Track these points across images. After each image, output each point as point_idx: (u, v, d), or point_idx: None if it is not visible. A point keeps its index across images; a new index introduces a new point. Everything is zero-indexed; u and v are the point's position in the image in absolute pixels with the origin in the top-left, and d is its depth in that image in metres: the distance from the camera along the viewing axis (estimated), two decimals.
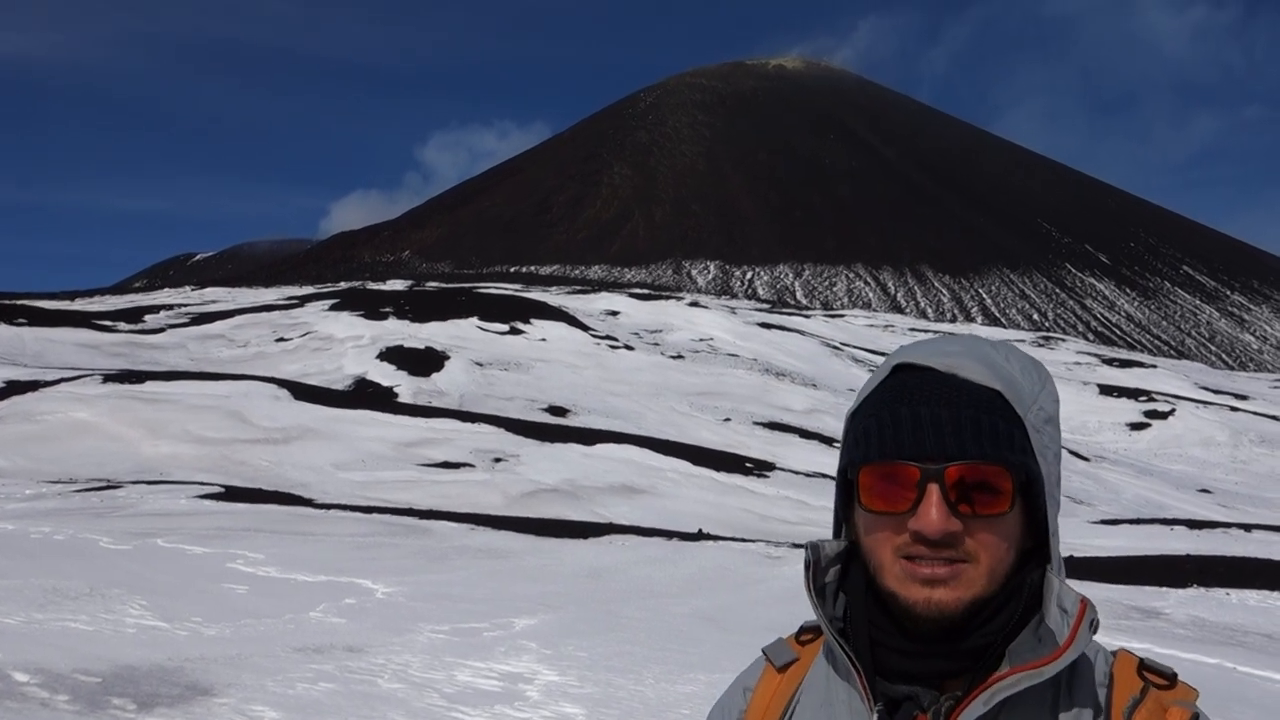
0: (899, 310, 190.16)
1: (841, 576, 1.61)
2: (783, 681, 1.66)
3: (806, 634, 1.70)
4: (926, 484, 1.45)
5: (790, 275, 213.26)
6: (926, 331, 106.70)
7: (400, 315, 68.89)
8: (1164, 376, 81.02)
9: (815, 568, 1.60)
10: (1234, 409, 67.18)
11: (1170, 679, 1.51)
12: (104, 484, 26.73)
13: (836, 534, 1.66)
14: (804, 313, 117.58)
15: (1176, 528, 30.36)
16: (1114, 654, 1.56)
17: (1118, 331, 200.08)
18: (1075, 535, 28.03)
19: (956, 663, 1.49)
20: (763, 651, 1.71)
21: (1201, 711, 1.49)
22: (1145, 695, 1.49)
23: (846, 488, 1.59)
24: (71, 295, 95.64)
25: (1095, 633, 1.49)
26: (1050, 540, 1.55)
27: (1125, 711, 1.47)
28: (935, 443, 1.46)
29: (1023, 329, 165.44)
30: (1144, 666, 1.53)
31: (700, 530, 23.79)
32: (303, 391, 41.97)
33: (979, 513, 1.46)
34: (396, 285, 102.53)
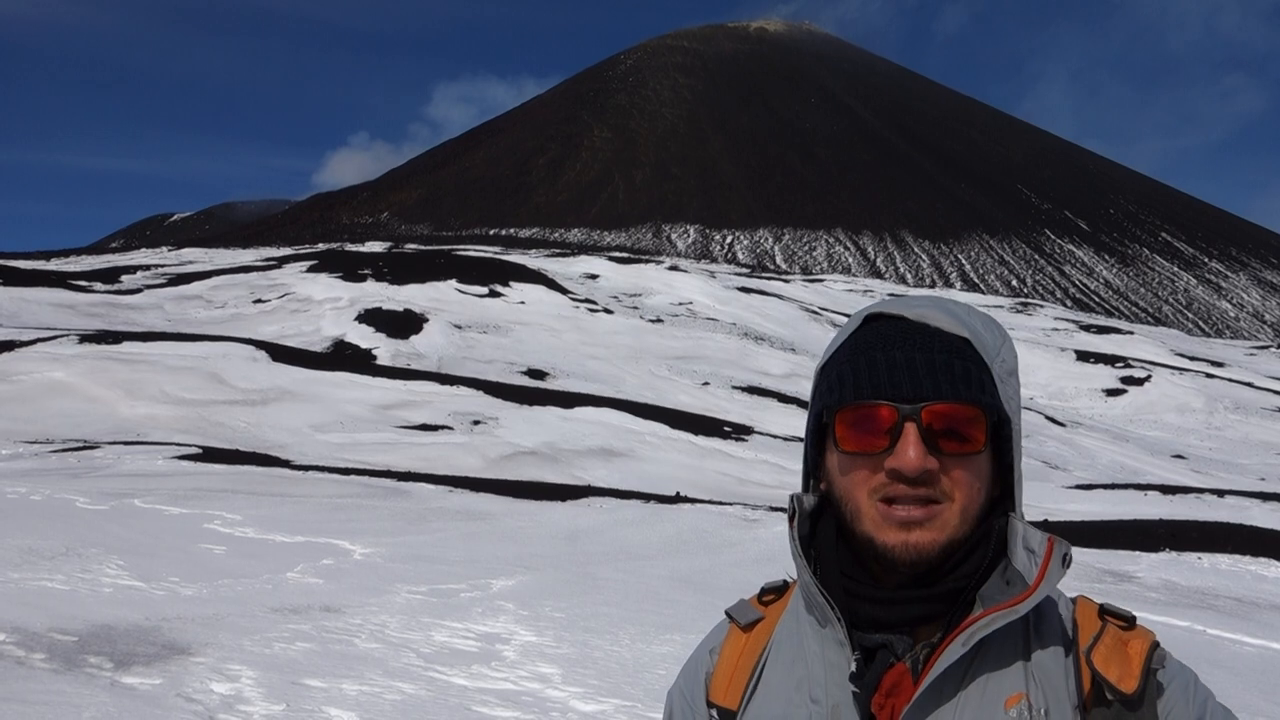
0: (878, 275, 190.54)
1: (811, 532, 1.62)
2: (749, 640, 1.68)
3: (769, 594, 1.73)
4: (904, 423, 1.49)
5: (770, 240, 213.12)
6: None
7: (379, 277, 68.72)
8: (1141, 343, 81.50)
9: (799, 518, 1.62)
10: (1210, 376, 67.68)
11: (1129, 620, 1.55)
12: (81, 444, 26.66)
13: (805, 488, 1.67)
14: (783, 277, 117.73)
15: (1150, 493, 30.64)
16: (1074, 600, 1.60)
17: (1096, 298, 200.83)
18: (1050, 500, 28.24)
19: (930, 607, 1.51)
20: (726, 613, 1.74)
21: (1160, 643, 1.54)
22: (1104, 631, 1.53)
23: (820, 435, 1.62)
24: (47, 255, 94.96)
25: (1068, 568, 1.52)
26: (1015, 488, 1.58)
27: (1086, 648, 1.51)
28: (911, 384, 1.50)
29: (1001, 295, 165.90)
30: (1104, 610, 1.57)
31: (678, 493, 23.87)
32: (281, 353, 41.88)
33: (953, 452, 1.49)
34: (375, 247, 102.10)
